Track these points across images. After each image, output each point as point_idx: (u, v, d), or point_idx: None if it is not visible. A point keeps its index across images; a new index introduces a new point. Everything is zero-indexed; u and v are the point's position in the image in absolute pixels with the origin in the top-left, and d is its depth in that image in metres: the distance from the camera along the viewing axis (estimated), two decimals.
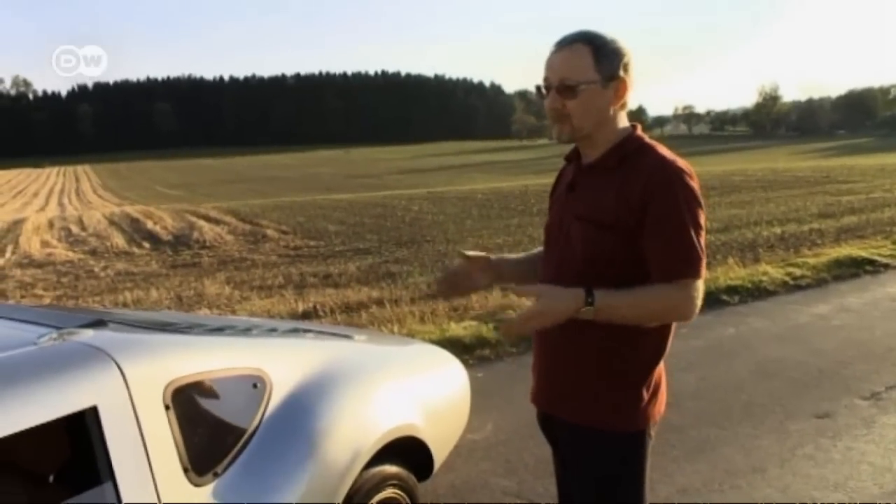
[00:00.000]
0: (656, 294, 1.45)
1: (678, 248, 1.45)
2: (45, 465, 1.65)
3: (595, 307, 1.42)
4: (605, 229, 1.48)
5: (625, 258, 1.48)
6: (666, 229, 1.45)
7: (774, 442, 3.33)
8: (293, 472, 1.80)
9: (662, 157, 1.50)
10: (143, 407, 1.53)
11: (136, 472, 1.49)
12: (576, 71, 1.48)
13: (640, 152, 1.52)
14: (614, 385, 1.56)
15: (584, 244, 1.52)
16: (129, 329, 1.91)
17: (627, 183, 1.48)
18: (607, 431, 1.56)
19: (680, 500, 2.84)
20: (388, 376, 2.34)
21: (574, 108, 1.49)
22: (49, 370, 1.50)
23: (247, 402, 1.82)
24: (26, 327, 1.80)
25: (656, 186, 1.45)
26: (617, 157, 1.53)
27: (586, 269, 1.50)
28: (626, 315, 1.46)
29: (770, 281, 6.59)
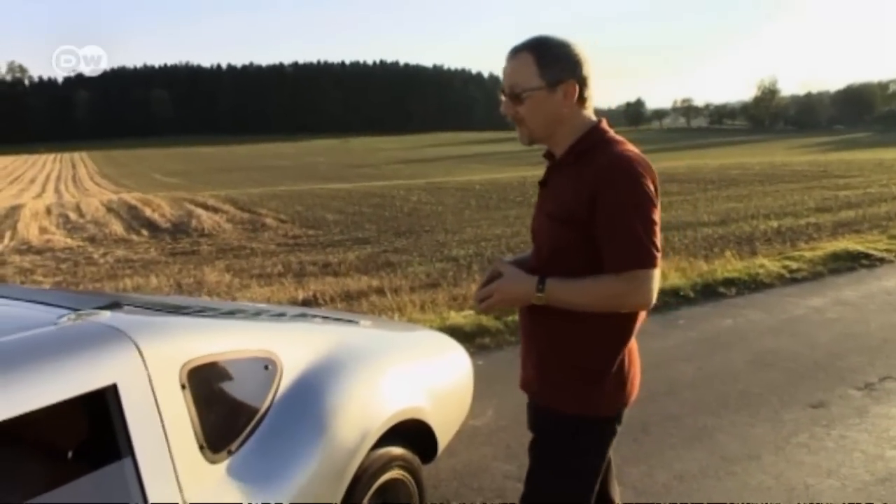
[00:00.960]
0: (604, 284, 1.51)
1: (625, 240, 1.49)
2: (64, 441, 1.69)
3: (545, 294, 1.53)
4: (564, 224, 1.56)
5: (582, 251, 1.55)
6: (613, 222, 1.50)
7: (769, 430, 3.39)
8: (304, 451, 1.85)
9: (615, 153, 1.54)
10: (161, 386, 1.58)
11: (154, 449, 1.54)
12: (521, 79, 1.56)
13: (596, 148, 1.57)
14: (577, 370, 1.62)
15: (549, 238, 1.61)
16: (143, 311, 1.95)
17: (581, 178, 1.54)
18: (570, 415, 1.63)
19: (678, 486, 2.90)
20: (395, 360, 2.39)
21: (525, 113, 1.58)
22: (70, 349, 1.54)
23: (258, 384, 1.86)
24: (44, 308, 1.84)
25: (604, 180, 1.51)
26: (575, 153, 1.59)
27: (551, 260, 1.59)
28: (576, 303, 1.54)
29: (767, 274, 6.65)
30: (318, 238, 14.89)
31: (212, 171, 54.77)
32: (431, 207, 19.09)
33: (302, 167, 56.72)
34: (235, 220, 18.79)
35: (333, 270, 10.29)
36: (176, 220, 18.99)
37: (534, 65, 1.55)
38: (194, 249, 14.36)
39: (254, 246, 14.29)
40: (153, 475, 1.52)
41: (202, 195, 26.26)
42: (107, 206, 24.14)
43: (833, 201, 15.12)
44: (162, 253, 14.16)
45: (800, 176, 24.13)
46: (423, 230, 14.49)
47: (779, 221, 12.47)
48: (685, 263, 7.50)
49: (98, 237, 16.90)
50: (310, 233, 15.84)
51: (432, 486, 2.74)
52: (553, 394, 1.66)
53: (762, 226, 12.01)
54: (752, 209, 15.18)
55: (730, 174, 26.15)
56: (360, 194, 24.66)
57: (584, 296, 1.53)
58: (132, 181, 46.71)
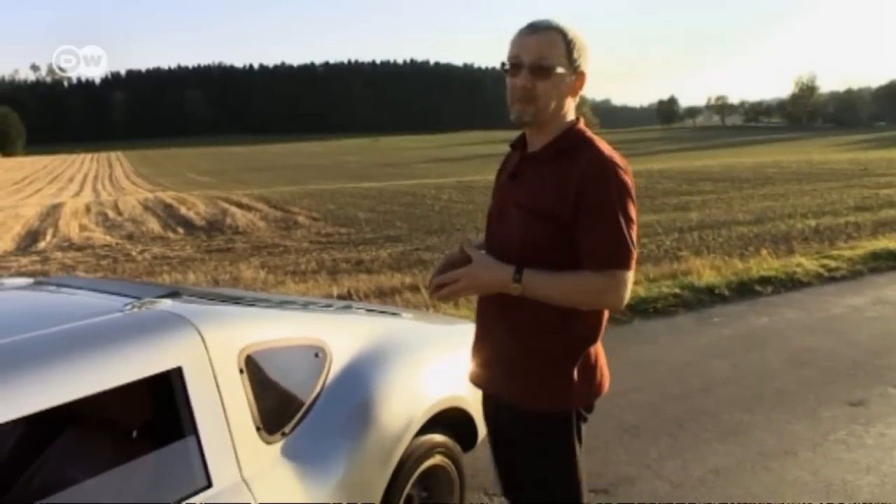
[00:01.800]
0: (584, 281, 1.51)
1: (609, 239, 1.50)
2: (130, 421, 1.79)
3: (522, 285, 1.50)
4: (541, 218, 1.54)
5: (559, 246, 1.54)
6: (598, 221, 1.50)
7: (807, 427, 3.38)
8: (353, 435, 1.93)
9: (599, 152, 1.55)
10: (221, 370, 1.67)
11: (215, 429, 1.63)
12: (552, 55, 1.54)
13: (578, 146, 1.58)
14: (544, 366, 1.61)
15: (522, 230, 1.57)
16: (201, 300, 2.05)
17: (565, 175, 1.53)
18: (536, 411, 1.61)
19: (713, 479, 2.92)
20: (437, 351, 2.45)
21: (543, 89, 1.54)
22: (138, 334, 1.64)
23: (309, 370, 1.95)
24: (109, 297, 1.95)
25: (591, 180, 1.51)
26: (556, 149, 1.59)
27: (523, 253, 1.55)
28: (552, 295, 1.52)
29: (804, 272, 6.58)
30: (351, 236, 15.06)
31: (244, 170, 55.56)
32: (462, 206, 19.15)
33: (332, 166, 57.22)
34: (269, 218, 19.08)
35: (366, 267, 10.42)
36: (211, 218, 19.34)
37: (563, 46, 1.55)
38: (229, 247, 14.63)
39: (287, 243, 14.50)
40: (215, 453, 1.61)
41: (236, 194, 26.69)
42: (143, 204, 24.68)
43: (873, 200, 14.80)
44: (198, 250, 14.46)
45: (839, 174, 23.64)
46: (455, 229, 14.55)
47: (817, 220, 12.26)
48: (720, 262, 7.44)
49: (136, 235, 17.31)
50: (342, 231, 16.02)
51: (471, 474, 2.81)
52: (520, 391, 1.63)
53: (799, 225, 11.82)
54: (789, 208, 14.95)
55: (766, 173, 25.73)
56: (390, 193, 24.83)
57: (562, 290, 1.52)
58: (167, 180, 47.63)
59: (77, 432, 1.83)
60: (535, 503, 1.71)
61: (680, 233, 12.13)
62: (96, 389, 1.48)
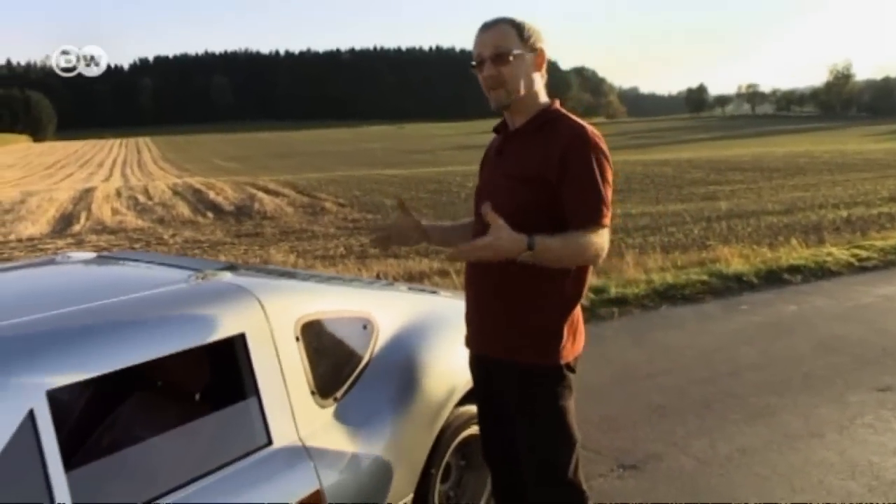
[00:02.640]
0: (581, 239, 1.64)
1: (592, 200, 1.67)
2: (194, 385, 1.92)
3: (534, 251, 1.58)
4: (528, 182, 1.72)
5: (545, 208, 1.70)
6: (582, 184, 1.67)
7: (834, 411, 3.43)
8: (399, 403, 2.04)
9: (578, 124, 1.75)
10: (280, 337, 1.79)
11: (275, 391, 1.74)
12: (506, 43, 1.74)
13: (557, 120, 1.77)
14: (537, 325, 1.77)
15: (512, 196, 1.74)
16: (258, 274, 2.17)
17: (549, 144, 1.72)
18: (533, 365, 1.78)
19: (740, 458, 2.99)
20: None
21: (508, 73, 1.74)
22: (205, 302, 1.76)
23: (358, 340, 2.06)
24: (172, 269, 2.08)
25: (572, 147, 1.69)
26: (538, 123, 1.78)
27: (515, 217, 1.60)
28: (560, 257, 1.64)
29: (834, 262, 6.56)
30: (377, 222, 15.21)
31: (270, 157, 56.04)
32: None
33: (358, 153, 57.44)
34: (296, 203, 19.31)
35: (394, 252, 10.54)
36: (239, 204, 19.63)
37: (514, 33, 1.75)
38: (258, 231, 14.87)
39: (315, 228, 14.71)
40: (274, 414, 1.73)
41: (263, 179, 27.00)
42: (173, 189, 25.08)
43: None
44: (227, 234, 14.72)
45: (873, 164, 23.24)
46: None
47: (848, 211, 12.13)
48: (748, 250, 7.44)
49: (166, 219, 17.65)
50: (368, 217, 16.19)
51: None
52: (516, 348, 1.78)
53: (830, 215, 11.71)
54: (820, 198, 14.78)
55: (797, 163, 25.38)
56: (416, 180, 24.95)
57: (567, 250, 1.62)
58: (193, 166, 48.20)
59: (144, 395, 1.97)
60: (533, 456, 1.83)
61: (708, 222, 12.09)
62: (168, 352, 1.60)
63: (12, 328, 1.48)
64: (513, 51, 1.73)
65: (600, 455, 3.04)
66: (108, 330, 1.57)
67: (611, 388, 3.81)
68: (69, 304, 1.66)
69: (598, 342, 4.54)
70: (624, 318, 5.19)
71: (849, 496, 2.67)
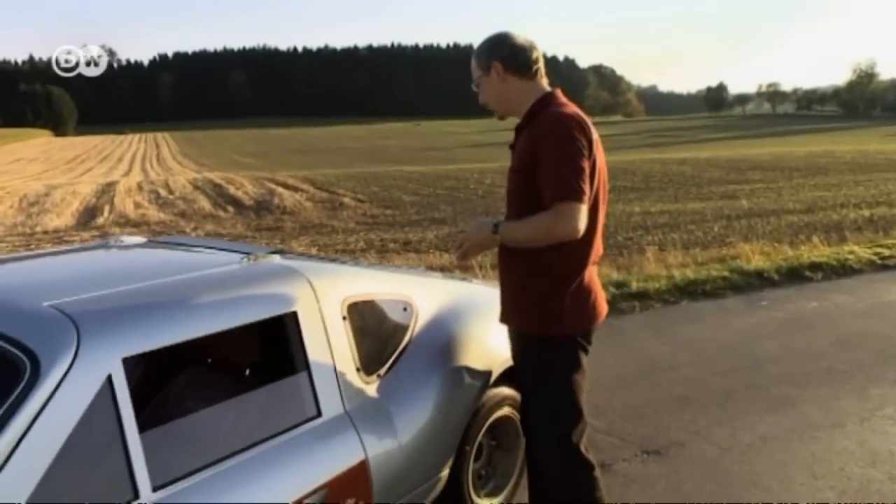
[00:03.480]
0: (539, 219, 1.83)
1: (552, 180, 1.81)
2: (243, 360, 2.03)
3: (500, 234, 1.89)
4: (522, 173, 1.91)
5: (535, 195, 1.85)
6: (545, 167, 1.82)
7: (855, 403, 3.48)
8: (438, 381, 2.14)
9: (552, 112, 1.89)
10: (328, 315, 1.89)
11: (324, 367, 1.85)
12: (474, 74, 2.01)
13: (540, 111, 1.92)
14: (538, 299, 1.94)
15: (515, 188, 1.96)
16: (304, 258, 2.28)
17: (531, 136, 1.89)
18: (537, 335, 1.95)
19: (761, 446, 3.05)
20: None
21: (485, 96, 2.02)
22: (259, 281, 1.87)
23: (399, 322, 2.16)
24: (222, 253, 2.19)
25: (539, 135, 1.86)
26: (527, 117, 1.96)
27: (516, 207, 1.95)
28: (523, 238, 1.88)
29: (856, 259, 6.56)
30: (396, 217, 15.34)
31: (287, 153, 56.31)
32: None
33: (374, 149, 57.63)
34: (315, 199, 19.47)
35: (414, 248, 10.66)
36: (259, 198, 19.82)
37: (474, 60, 2.00)
38: (278, 226, 15.04)
39: (335, 223, 14.86)
40: (323, 388, 1.84)
41: (282, 175, 27.21)
42: (193, 183, 25.34)
43: None
44: (248, 228, 14.90)
45: None
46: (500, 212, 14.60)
47: (871, 210, 12.06)
48: (769, 248, 7.46)
49: (188, 212, 17.88)
50: (387, 212, 16.31)
51: None
52: (524, 320, 1.98)
53: (852, 214, 11.66)
54: (842, 198, 14.69)
55: (818, 162, 25.17)
56: (434, 176, 25.03)
57: (524, 232, 1.86)
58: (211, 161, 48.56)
59: (196, 370, 2.09)
60: (536, 419, 2.01)
61: (728, 220, 12.08)
62: (228, 326, 1.71)
63: (90, 301, 1.60)
64: (476, 80, 1.99)
65: (625, 441, 3.12)
66: (174, 305, 1.68)
67: (634, 378, 3.88)
68: (134, 282, 1.78)
69: (619, 335, 4.62)
70: (645, 312, 5.26)
71: (868, 483, 2.73)
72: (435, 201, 17.88)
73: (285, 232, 14.06)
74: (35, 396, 1.34)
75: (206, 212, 17.91)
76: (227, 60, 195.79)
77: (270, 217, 16.54)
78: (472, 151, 49.48)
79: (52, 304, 1.53)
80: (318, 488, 1.70)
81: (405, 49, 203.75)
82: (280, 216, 16.61)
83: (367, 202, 18.36)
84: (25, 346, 1.41)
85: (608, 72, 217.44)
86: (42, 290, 1.67)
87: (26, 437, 1.30)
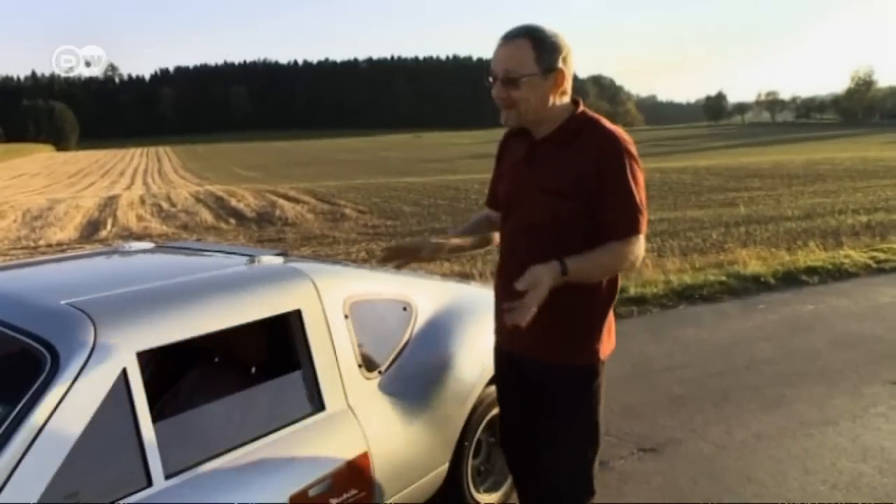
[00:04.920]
0: (614, 252, 1.66)
1: (628, 211, 1.67)
2: (249, 358, 2.11)
3: (569, 276, 1.60)
4: (567, 198, 1.68)
5: (582, 220, 1.69)
6: (617, 195, 1.66)
7: (848, 401, 3.55)
8: (435, 378, 2.21)
9: (610, 131, 1.70)
10: (331, 314, 1.97)
11: (327, 363, 1.93)
12: (518, 64, 1.66)
13: (588, 127, 1.72)
14: (579, 325, 1.79)
15: (548, 210, 1.71)
16: (307, 260, 2.36)
17: (583, 155, 1.68)
18: (574, 366, 1.80)
19: (756, 443, 3.12)
20: None
21: (518, 97, 1.68)
22: (265, 281, 1.95)
23: (399, 321, 2.24)
24: (226, 256, 2.27)
25: (607, 158, 1.66)
26: (568, 133, 1.72)
27: (553, 232, 1.70)
28: (592, 276, 1.69)
29: (852, 263, 6.64)
30: (397, 228, 15.42)
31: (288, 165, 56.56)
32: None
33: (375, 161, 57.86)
34: (316, 210, 19.58)
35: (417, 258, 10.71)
36: (260, 210, 19.94)
37: (531, 51, 1.65)
38: (280, 237, 15.13)
39: (336, 234, 14.95)
40: (327, 383, 1.91)
41: (283, 187, 27.36)
42: (195, 196, 25.50)
43: None
44: (250, 240, 14.99)
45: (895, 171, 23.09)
46: None
47: (868, 216, 12.12)
48: (766, 253, 7.53)
49: (190, 225, 17.98)
50: (388, 223, 16.40)
51: None
52: (560, 348, 1.78)
53: (850, 220, 11.72)
54: (840, 204, 14.77)
55: (817, 169, 25.28)
56: (434, 187, 25.16)
57: (594, 269, 1.67)
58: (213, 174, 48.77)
59: (204, 368, 2.16)
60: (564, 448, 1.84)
61: (726, 227, 12.15)
62: (236, 323, 1.79)
63: (105, 299, 1.68)
64: (523, 75, 1.66)
65: (621, 440, 3.19)
66: (184, 303, 1.76)
67: (631, 379, 3.95)
68: (146, 282, 1.86)
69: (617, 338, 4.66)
70: (643, 316, 5.33)
71: (859, 476, 2.80)
72: (435, 211, 17.98)
73: (287, 243, 14.14)
74: (55, 388, 1.42)
75: (208, 224, 18.02)
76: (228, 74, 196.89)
77: (272, 228, 16.64)
78: (473, 162, 49.60)
79: (70, 302, 1.62)
80: (322, 478, 1.78)
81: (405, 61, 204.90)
82: (282, 227, 16.70)
83: (368, 213, 18.46)
84: (45, 341, 1.50)
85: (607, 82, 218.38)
86: (60, 289, 1.76)
87: (47, 425, 1.38)
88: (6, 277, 2.17)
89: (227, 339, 1.85)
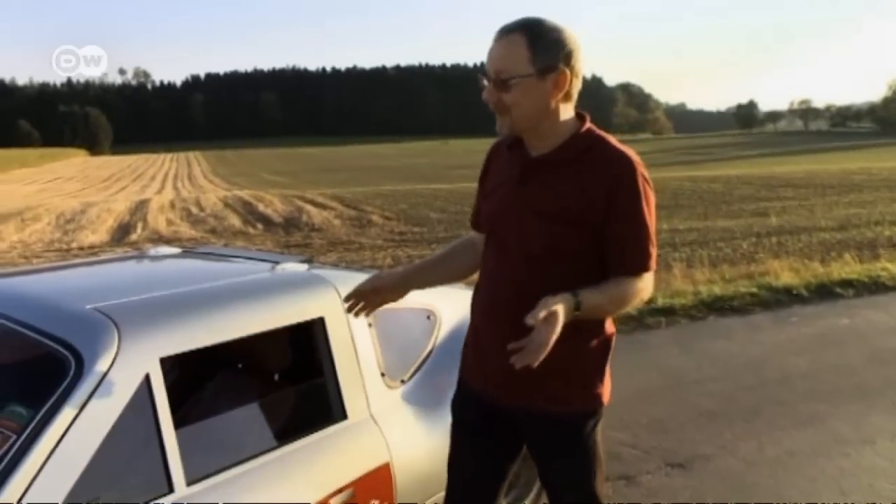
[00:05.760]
0: (627, 288, 1.48)
1: (641, 246, 1.48)
2: (272, 365, 2.10)
3: (582, 311, 1.41)
4: (568, 225, 1.47)
5: (586, 250, 1.49)
6: (629, 228, 1.47)
7: (886, 420, 3.43)
8: None
9: (622, 153, 1.49)
10: (354, 322, 1.95)
11: (350, 371, 1.91)
12: (510, 63, 1.43)
13: (596, 148, 1.50)
14: (586, 367, 1.58)
15: (543, 236, 1.49)
16: (331, 267, 2.35)
17: (591, 179, 1.46)
18: (584, 412, 1.59)
19: (788, 461, 3.03)
20: None
21: (511, 101, 1.45)
22: (289, 288, 1.94)
23: (423, 330, 2.22)
24: (253, 262, 2.27)
25: (621, 184, 1.46)
26: (573, 151, 1.49)
27: (550, 261, 1.49)
28: (606, 311, 1.52)
29: (889, 276, 6.46)
30: (423, 235, 15.44)
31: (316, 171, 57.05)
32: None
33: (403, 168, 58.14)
34: (343, 216, 19.70)
35: None
36: (288, 216, 20.12)
37: (525, 49, 1.42)
38: (307, 242, 15.24)
39: (362, 240, 15.01)
40: (350, 391, 1.89)
41: (310, 193, 27.59)
42: (224, 201, 25.83)
43: None
44: (277, 245, 15.13)
45: None
46: None
47: None
48: (799, 264, 7.37)
49: (218, 229, 18.21)
50: (415, 230, 16.43)
51: None
52: (563, 394, 1.57)
53: (887, 232, 11.45)
54: (877, 215, 14.44)
55: (852, 179, 24.77)
56: (461, 194, 25.15)
57: (611, 302, 1.49)
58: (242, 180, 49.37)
59: (228, 374, 2.16)
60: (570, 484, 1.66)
61: (757, 237, 11.95)
62: (260, 330, 1.78)
63: (130, 305, 1.68)
64: (514, 76, 1.43)
65: (648, 454, 3.12)
66: (208, 309, 1.75)
67: (659, 392, 3.87)
68: (170, 288, 1.86)
69: (645, 349, 4.62)
70: (671, 327, 5.23)
71: None
72: (462, 219, 17.94)
73: (313, 248, 14.24)
74: (79, 391, 1.42)
75: (236, 228, 18.23)
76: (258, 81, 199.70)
77: (299, 234, 16.77)
78: None
79: (95, 307, 1.62)
80: (343, 488, 1.76)
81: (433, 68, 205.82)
82: (308, 233, 16.83)
83: (394, 219, 18.51)
84: (70, 345, 1.50)
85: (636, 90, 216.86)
86: (85, 294, 1.76)
87: (71, 428, 1.38)
88: (34, 281, 2.20)
89: (250, 346, 1.84)
